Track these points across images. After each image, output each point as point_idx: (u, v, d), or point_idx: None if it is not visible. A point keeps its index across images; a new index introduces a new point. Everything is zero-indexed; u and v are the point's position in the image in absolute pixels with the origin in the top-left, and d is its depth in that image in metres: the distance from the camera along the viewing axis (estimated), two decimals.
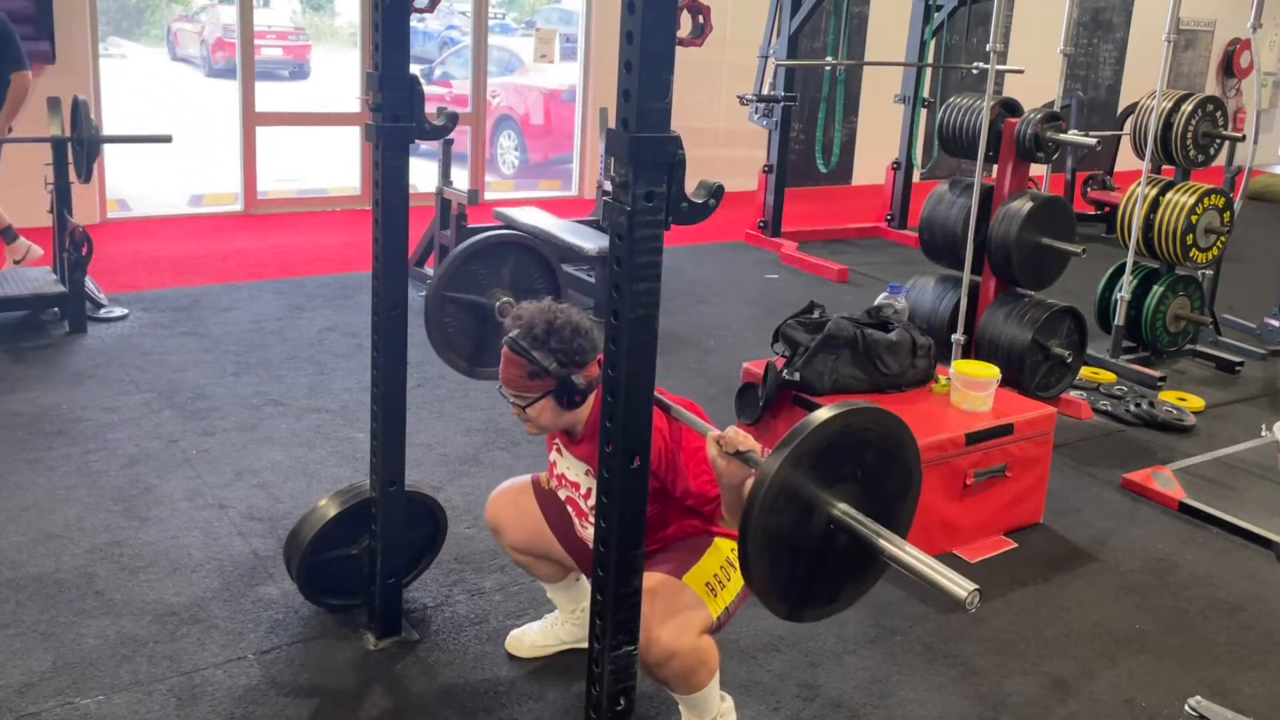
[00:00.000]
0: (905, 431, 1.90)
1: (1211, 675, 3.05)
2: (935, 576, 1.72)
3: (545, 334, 2.40)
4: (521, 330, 2.42)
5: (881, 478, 1.90)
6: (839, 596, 1.92)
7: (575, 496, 2.63)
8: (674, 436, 2.37)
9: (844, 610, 1.97)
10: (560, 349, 2.39)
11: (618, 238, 1.85)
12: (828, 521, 1.83)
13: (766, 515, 1.76)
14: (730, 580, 2.44)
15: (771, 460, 1.78)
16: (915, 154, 8.44)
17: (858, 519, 1.81)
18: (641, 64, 1.76)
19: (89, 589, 3.11)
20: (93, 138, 5.33)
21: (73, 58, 7.08)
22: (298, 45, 15.30)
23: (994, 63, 4.74)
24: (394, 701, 2.74)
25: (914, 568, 1.74)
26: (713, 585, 2.42)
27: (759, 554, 1.78)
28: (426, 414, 4.46)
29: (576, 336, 2.41)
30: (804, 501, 1.81)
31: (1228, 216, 5.47)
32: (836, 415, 1.81)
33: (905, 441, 1.91)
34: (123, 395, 4.51)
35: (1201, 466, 4.40)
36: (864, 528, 1.80)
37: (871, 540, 1.79)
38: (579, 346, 2.41)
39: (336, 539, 2.96)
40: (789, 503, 1.79)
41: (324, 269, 6.67)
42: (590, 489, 2.54)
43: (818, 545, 1.84)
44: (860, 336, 3.75)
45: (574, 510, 2.66)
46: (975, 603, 1.68)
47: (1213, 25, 13.63)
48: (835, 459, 1.83)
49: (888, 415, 1.89)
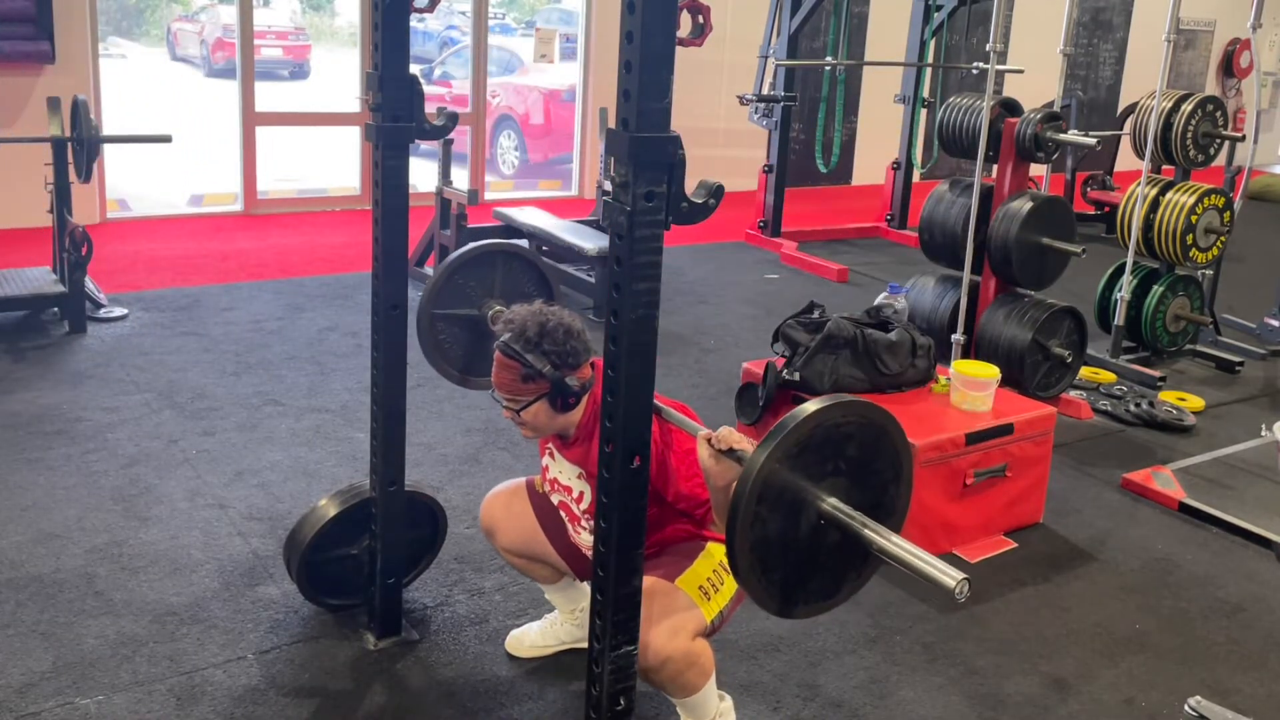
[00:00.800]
0: (891, 423, 1.90)
1: (1211, 675, 3.05)
2: (924, 567, 1.72)
3: (538, 336, 2.39)
4: (513, 333, 2.41)
5: (870, 470, 1.89)
6: (832, 592, 1.92)
7: (568, 501, 2.62)
8: (665, 439, 2.37)
9: (839, 605, 1.97)
10: (553, 351, 2.38)
11: (618, 238, 1.86)
12: (816, 516, 1.83)
13: (752, 509, 1.76)
14: (724, 584, 2.44)
15: (756, 455, 1.78)
16: (915, 154, 8.44)
17: (846, 512, 1.81)
18: (641, 64, 1.77)
19: (89, 589, 3.11)
20: (93, 138, 5.32)
21: (73, 58, 7.07)
22: (298, 45, 15.29)
23: (994, 63, 4.74)
24: (394, 701, 2.74)
25: (902, 559, 1.75)
26: (706, 589, 2.42)
27: (746, 549, 1.78)
28: (426, 414, 4.46)
29: (569, 338, 2.40)
30: (791, 495, 1.81)
31: (1227, 216, 5.47)
32: (819, 410, 1.81)
33: (892, 433, 1.91)
34: (123, 395, 4.51)
35: (1201, 466, 4.40)
36: (852, 520, 1.80)
37: (859, 532, 1.79)
38: (572, 348, 2.40)
39: (336, 539, 2.97)
40: (775, 496, 1.79)
41: (324, 269, 6.67)
42: (583, 493, 2.54)
43: (807, 540, 1.84)
44: (860, 336, 3.75)
45: (567, 515, 2.66)
46: (964, 591, 1.68)
47: (1213, 25, 13.63)
48: (820, 452, 1.83)
49: (872, 408, 1.89)
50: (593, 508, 2.42)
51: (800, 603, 1.89)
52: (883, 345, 3.76)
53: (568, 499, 2.62)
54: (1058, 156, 5.10)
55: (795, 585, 1.86)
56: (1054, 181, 7.10)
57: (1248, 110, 13.50)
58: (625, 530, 1.98)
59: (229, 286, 6.17)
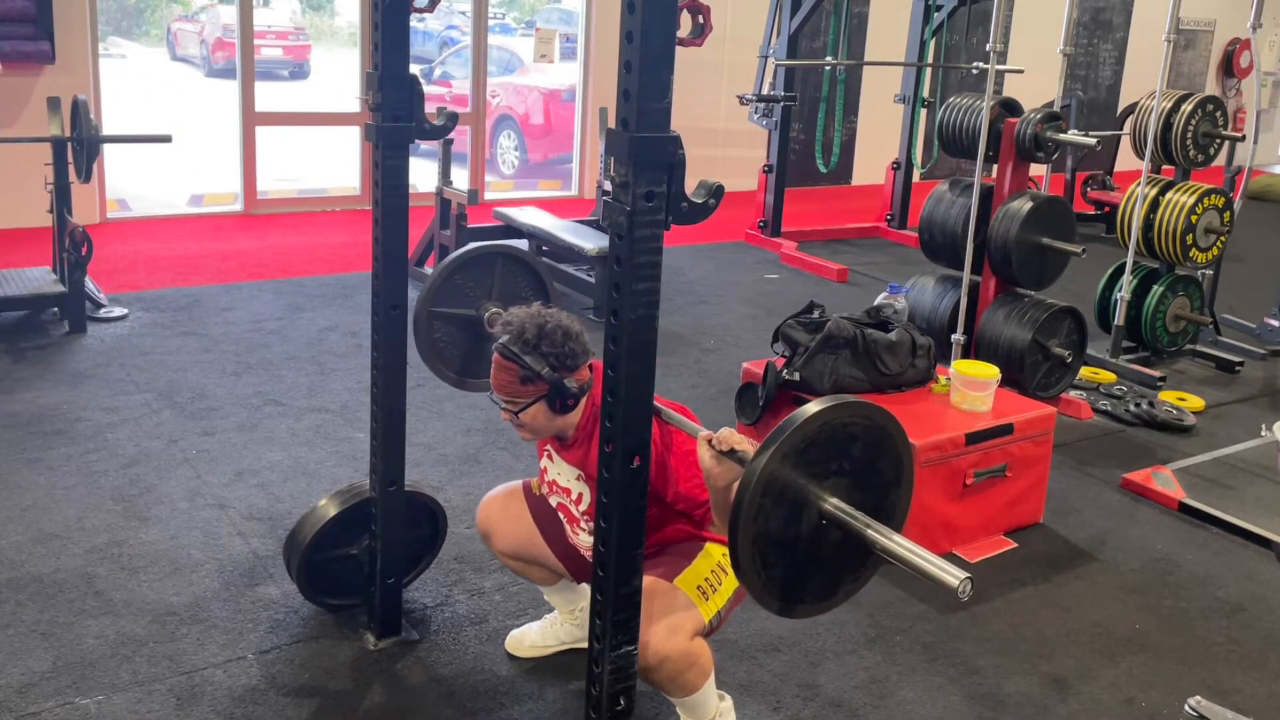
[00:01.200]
0: (892, 423, 1.91)
1: (1211, 675, 3.05)
2: (926, 566, 1.72)
3: (536, 338, 2.38)
4: (512, 335, 2.41)
5: (871, 470, 1.90)
6: (833, 591, 1.93)
7: (566, 503, 2.62)
8: (664, 440, 2.37)
9: (840, 604, 1.97)
10: (551, 353, 2.38)
11: (618, 237, 1.86)
12: (818, 515, 1.83)
13: (757, 502, 1.77)
14: (722, 584, 2.44)
15: (761, 451, 1.79)
16: (915, 154, 8.44)
17: (847, 511, 1.82)
18: (641, 64, 1.77)
19: (89, 589, 3.11)
20: (92, 138, 5.32)
21: (72, 58, 7.07)
22: (297, 45, 15.30)
23: (994, 62, 4.74)
24: (394, 701, 2.74)
25: (905, 558, 1.75)
26: (704, 589, 2.42)
27: (748, 543, 1.78)
28: (426, 414, 4.46)
29: (567, 340, 2.40)
30: (792, 495, 1.81)
31: (1227, 216, 5.47)
32: (821, 410, 1.82)
33: (893, 433, 1.92)
34: (122, 395, 4.51)
35: (1201, 466, 4.40)
36: (854, 520, 1.81)
37: (861, 532, 1.80)
38: (570, 350, 2.40)
39: (336, 539, 2.97)
40: (779, 493, 1.80)
41: (324, 269, 6.67)
42: (582, 494, 2.54)
43: (808, 539, 1.85)
44: (860, 336, 3.75)
45: (565, 516, 2.66)
46: (967, 591, 1.68)
47: (1213, 25, 13.64)
48: (822, 452, 1.84)
49: (877, 410, 1.90)
50: (592, 509, 2.43)
51: (801, 601, 1.89)
52: (883, 345, 3.76)
53: (566, 500, 2.62)
54: (1058, 156, 5.10)
55: (796, 583, 1.87)
56: (1054, 181, 7.10)
57: (1248, 110, 13.50)
58: (625, 530, 1.99)
59: (229, 286, 6.17)
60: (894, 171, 8.65)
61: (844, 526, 1.81)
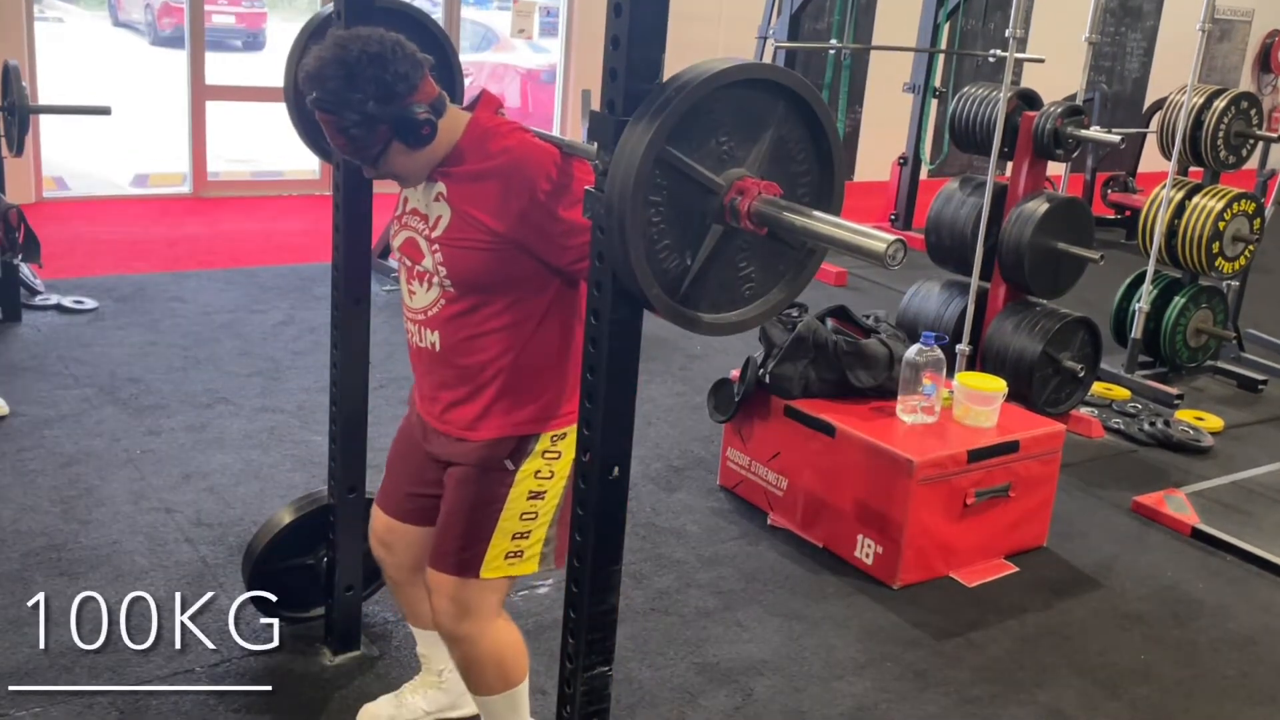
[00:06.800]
0: (809, 91, 1.82)
1: (1220, 710, 3.16)
2: (850, 236, 1.66)
3: (344, 77, 2.10)
4: (315, 85, 2.13)
5: (786, 157, 1.84)
6: (742, 298, 1.89)
7: (417, 235, 2.32)
8: (563, 179, 2.20)
9: (762, 317, 1.92)
10: (370, 85, 2.11)
11: (600, 231, 1.84)
12: (719, 208, 1.78)
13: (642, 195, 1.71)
14: (538, 515, 2.35)
15: (633, 127, 1.71)
16: (924, 148, 8.52)
17: (764, 199, 1.75)
18: (630, 40, 1.73)
19: (25, 594, 3.17)
20: (25, 107, 5.33)
21: (4, 19, 7.12)
22: (252, 13, 15.31)
23: (1012, 50, 4.80)
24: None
25: (824, 233, 1.69)
26: (517, 549, 2.35)
27: (639, 248, 1.73)
28: (389, 417, 4.50)
29: (384, 65, 2.11)
30: (687, 180, 1.76)
31: (1257, 224, 5.54)
32: (711, 76, 1.72)
33: (812, 104, 1.82)
34: (61, 389, 4.58)
35: (1217, 490, 4.50)
36: (769, 206, 1.74)
37: (776, 217, 1.73)
38: (394, 73, 2.12)
39: (292, 547, 3.03)
40: (667, 183, 1.74)
41: (279, 258, 6.74)
42: (440, 216, 2.27)
43: (704, 230, 1.80)
44: (831, 343, 3.86)
45: (410, 258, 2.35)
46: (897, 255, 1.59)
47: (1250, 15, 13.79)
48: (712, 126, 1.76)
49: (781, 71, 1.82)
50: (447, 234, 2.25)
51: (701, 308, 1.85)
52: (854, 356, 3.87)
53: (416, 231, 2.32)
54: (1078, 155, 5.14)
55: (695, 285, 1.82)
56: (1072, 182, 7.18)
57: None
58: (602, 545, 1.99)
59: (176, 275, 6.24)
60: (900, 167, 8.71)
61: (762, 216, 1.75)
